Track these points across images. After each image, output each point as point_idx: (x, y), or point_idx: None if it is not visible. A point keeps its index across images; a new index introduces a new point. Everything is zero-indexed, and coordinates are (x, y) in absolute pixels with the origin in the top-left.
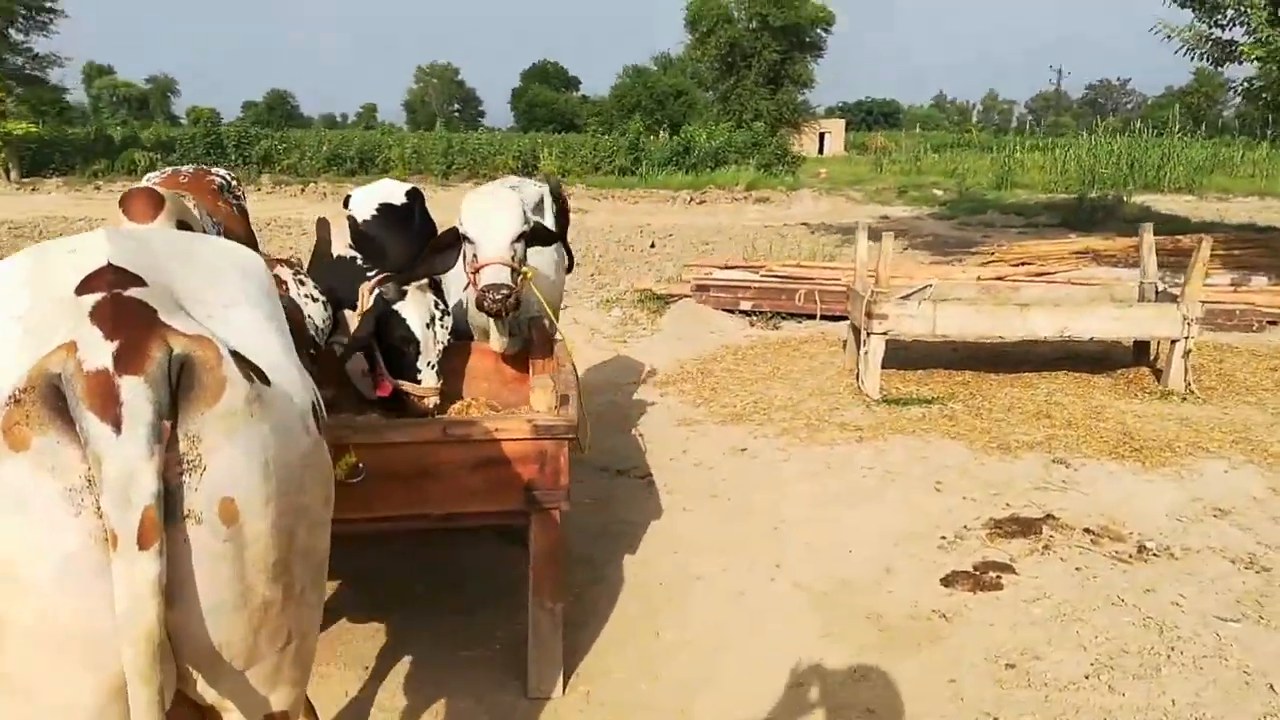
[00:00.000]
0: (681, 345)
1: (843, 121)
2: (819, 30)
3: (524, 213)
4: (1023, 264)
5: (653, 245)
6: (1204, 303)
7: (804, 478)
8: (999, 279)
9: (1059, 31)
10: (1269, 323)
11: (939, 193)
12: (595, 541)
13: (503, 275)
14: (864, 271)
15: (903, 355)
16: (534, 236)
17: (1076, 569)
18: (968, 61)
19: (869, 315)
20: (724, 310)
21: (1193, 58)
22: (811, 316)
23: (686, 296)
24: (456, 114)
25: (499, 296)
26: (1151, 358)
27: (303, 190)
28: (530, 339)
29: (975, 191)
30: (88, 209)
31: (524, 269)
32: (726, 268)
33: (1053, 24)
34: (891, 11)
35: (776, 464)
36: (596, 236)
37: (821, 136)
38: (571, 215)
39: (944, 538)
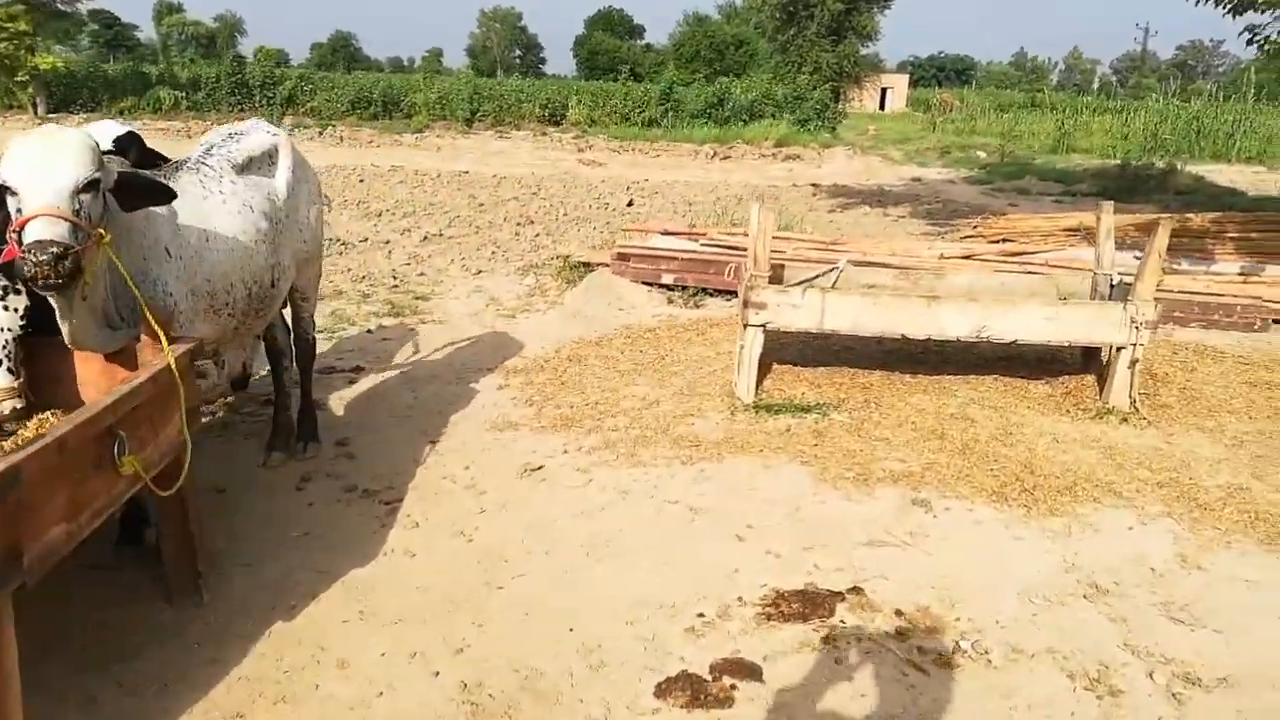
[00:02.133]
0: (575, 324)
1: (906, 77)
2: None
3: (94, 156)
4: (1003, 240)
5: (630, 204)
6: (1203, 295)
7: (584, 514)
8: (967, 257)
9: None
10: (1275, 321)
11: (983, 154)
12: (257, 593)
13: (53, 230)
14: (756, 251)
15: (818, 346)
16: (129, 190)
17: (848, 680)
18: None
19: (744, 304)
20: (644, 283)
21: (1202, 2)
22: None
23: (607, 265)
24: (518, 60)
25: (44, 258)
26: (1105, 362)
27: (320, 133)
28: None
29: (1024, 155)
30: None
31: (96, 229)
32: (666, 233)
33: None
34: None
35: (565, 491)
36: (580, 192)
37: (884, 92)
38: (585, 168)
39: (701, 615)
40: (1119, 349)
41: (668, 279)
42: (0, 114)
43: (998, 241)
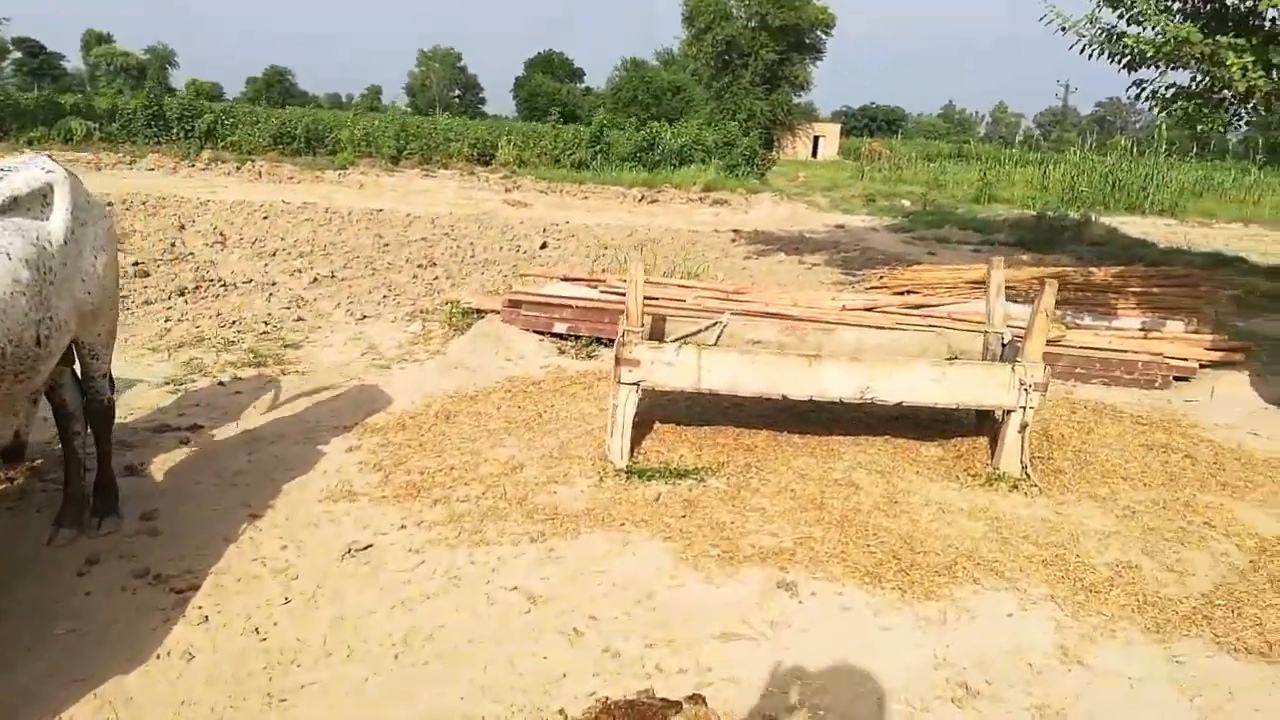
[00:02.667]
0: (454, 376)
1: (838, 126)
2: (819, 32)
3: None
4: (907, 292)
5: (544, 246)
6: (1105, 351)
7: (404, 605)
8: (869, 309)
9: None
10: (1176, 378)
11: (907, 203)
12: None
13: None
14: (629, 305)
15: (705, 403)
16: None
17: None
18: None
19: (617, 361)
20: (536, 332)
21: (1095, 56)
22: None
23: (497, 312)
24: (457, 99)
25: None
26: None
27: (238, 168)
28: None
29: (947, 204)
30: None
31: None
32: (565, 279)
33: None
34: (901, 18)
35: (389, 576)
36: (494, 233)
37: (816, 140)
38: (508, 208)
39: None
40: (1008, 412)
41: (560, 328)
42: None
43: (902, 293)
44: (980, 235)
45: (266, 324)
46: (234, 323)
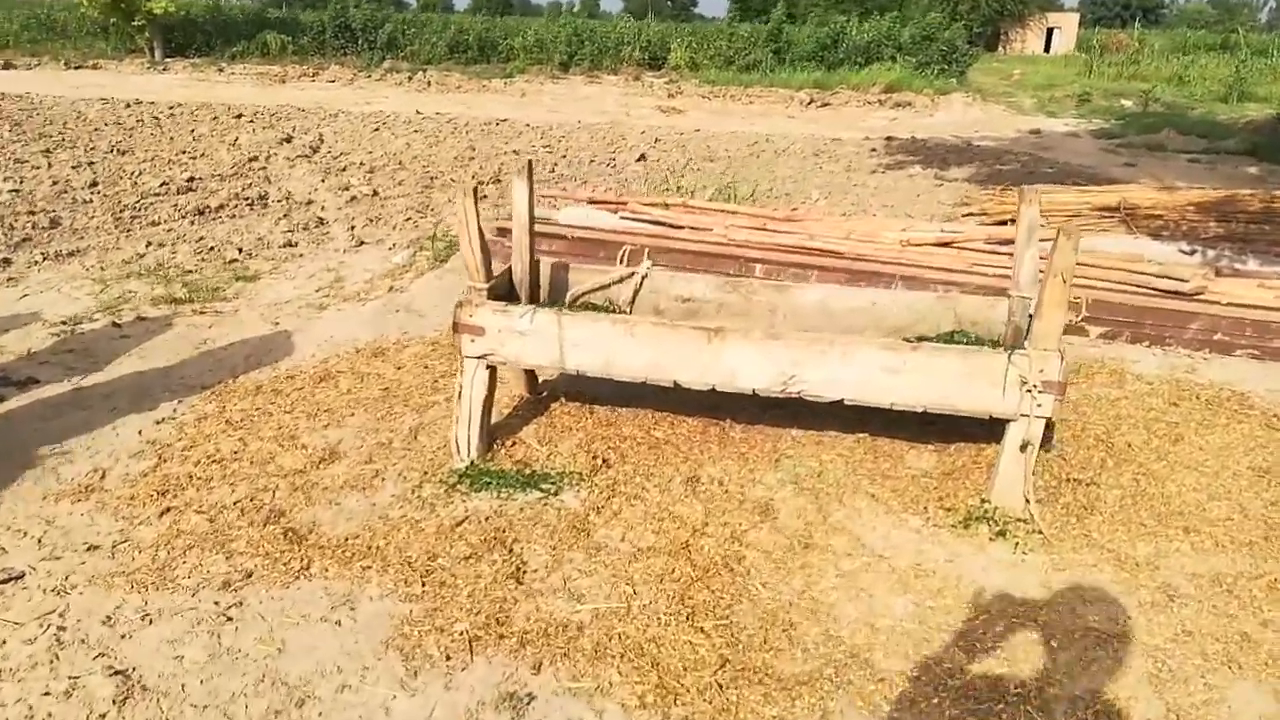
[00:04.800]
0: (389, 321)
1: (1076, 16)
2: None
3: None
4: (1011, 220)
5: (642, 159)
6: (1264, 309)
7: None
8: (945, 244)
9: None
10: None
11: (1128, 103)
12: None
13: None
14: (471, 250)
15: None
16: None
17: None
18: None
19: (454, 327)
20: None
21: None
22: None
23: (496, 240)
24: (670, 3)
25: None
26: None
27: (410, 79)
28: None
29: (1183, 103)
30: (191, 93)
31: None
32: (591, 202)
33: None
34: None
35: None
36: (599, 144)
37: (1049, 32)
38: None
39: None
40: (1007, 422)
41: (548, 262)
42: (120, 58)
43: (1002, 222)
44: (1204, 142)
45: (241, 250)
46: (211, 248)
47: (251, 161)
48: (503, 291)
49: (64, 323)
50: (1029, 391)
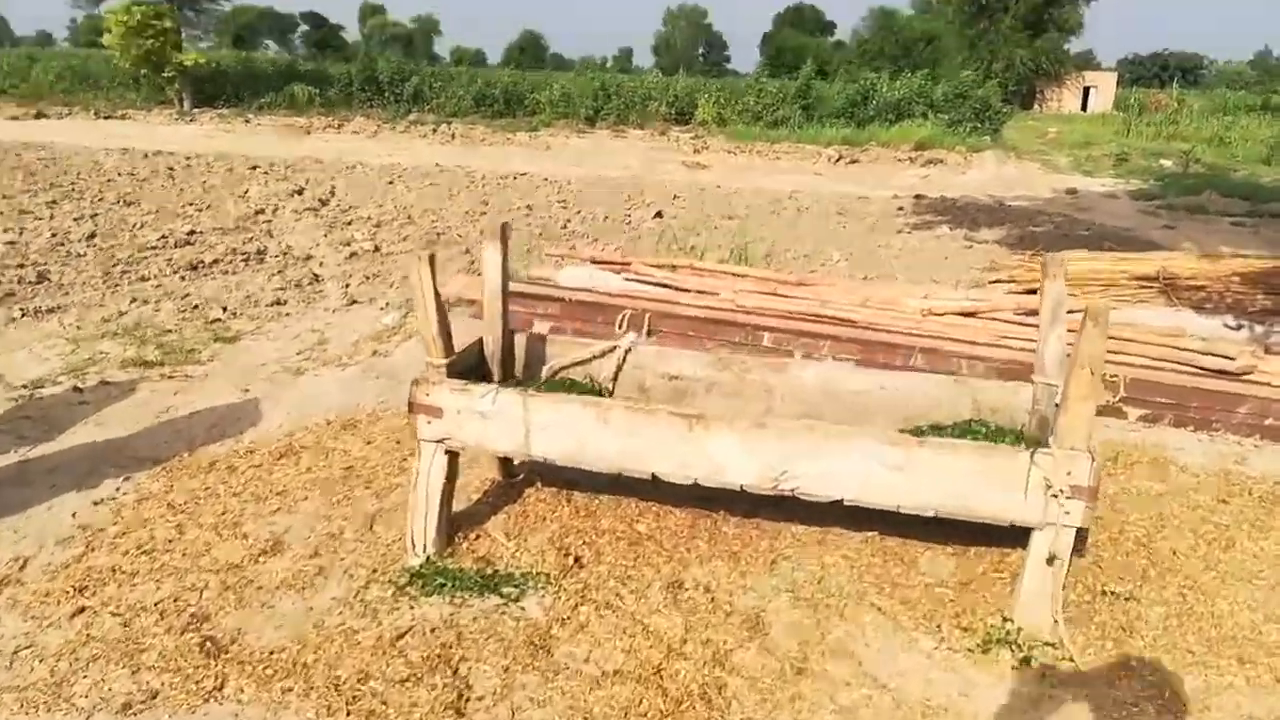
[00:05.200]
0: (367, 389)
1: (1114, 75)
2: None
3: None
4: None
5: (658, 215)
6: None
7: None
8: (969, 314)
9: None
10: None
11: (1168, 164)
12: None
13: None
14: (430, 323)
15: None
16: None
17: None
18: None
19: (411, 407)
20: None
21: None
22: None
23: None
24: (701, 58)
25: None
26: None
27: (434, 131)
28: None
29: (1224, 165)
30: (213, 143)
31: None
32: (595, 262)
33: None
34: None
35: None
36: (617, 200)
37: (1086, 91)
38: (682, 169)
39: None
40: (1030, 531)
41: (540, 327)
42: (149, 108)
43: (1032, 290)
44: (1247, 204)
45: (225, 309)
46: (196, 306)
47: (258, 214)
48: (472, 365)
49: (24, 386)
50: (1055, 498)
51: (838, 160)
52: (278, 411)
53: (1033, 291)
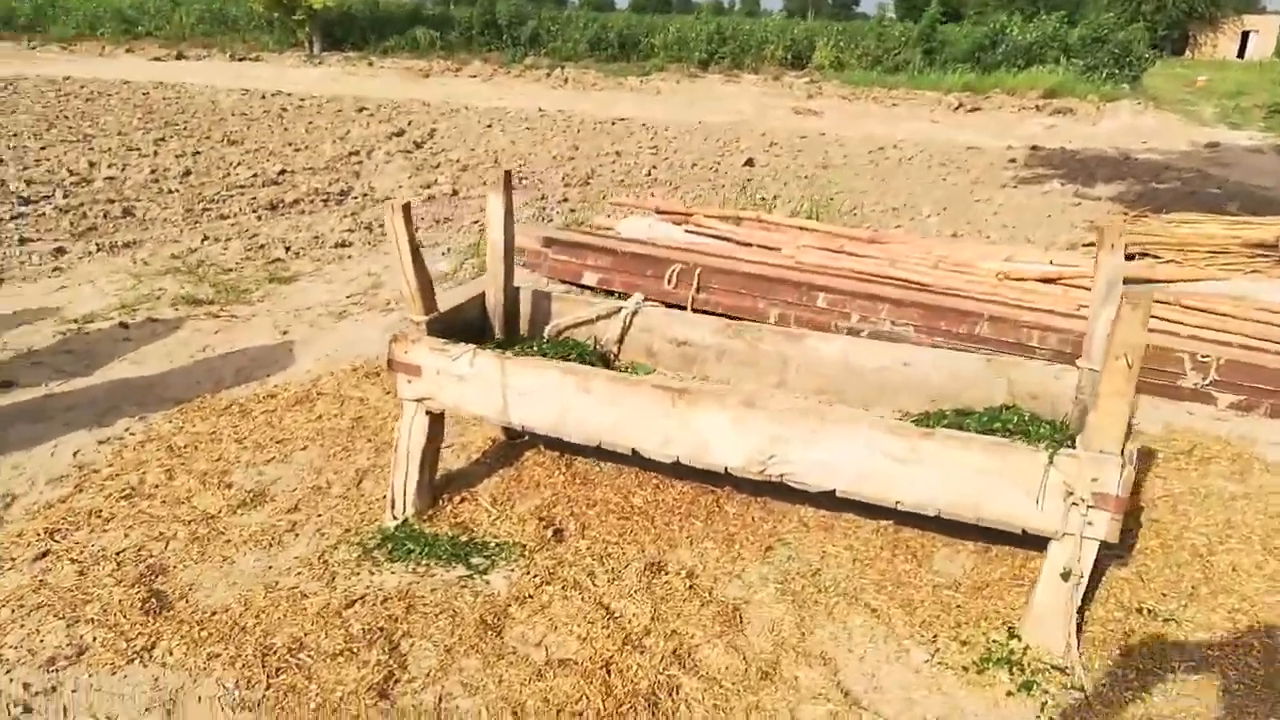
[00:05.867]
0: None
1: (1277, 19)
2: None
3: None
4: (1140, 254)
5: (749, 163)
6: None
7: None
8: (1051, 280)
9: None
10: None
11: None
12: None
13: None
14: (411, 274)
15: None
16: None
17: None
18: None
19: (390, 364)
20: (563, 281)
21: None
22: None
23: (541, 251)
24: (831, 1)
25: None
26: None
27: (547, 75)
28: None
29: None
30: (334, 86)
31: None
32: (660, 212)
33: None
34: None
35: None
36: (710, 146)
37: (1245, 36)
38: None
39: None
40: (1048, 541)
41: (590, 279)
42: (281, 50)
43: (1130, 256)
44: None
45: (289, 249)
46: (262, 246)
47: (351, 155)
48: (473, 321)
49: (75, 321)
50: (1075, 505)
51: (958, 108)
52: (308, 356)
53: (1130, 257)
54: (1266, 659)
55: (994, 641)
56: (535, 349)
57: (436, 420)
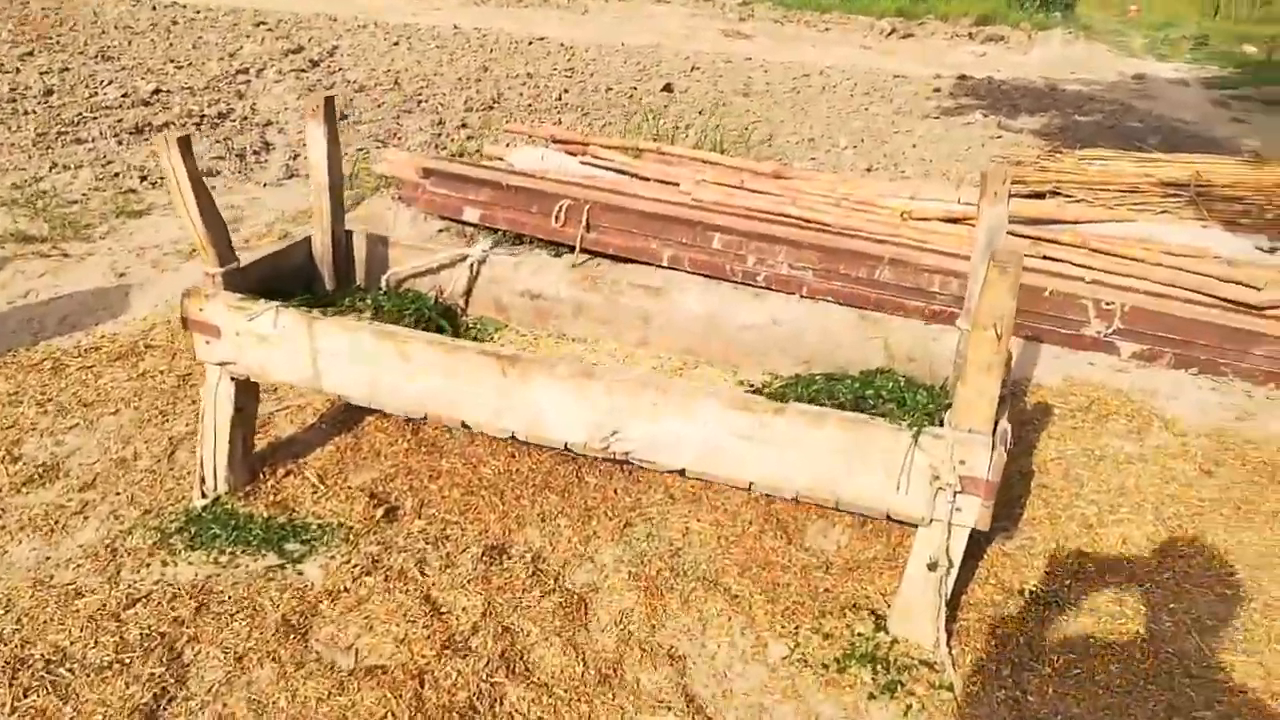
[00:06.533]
0: None
1: None
2: None
3: None
4: (1050, 193)
5: (667, 88)
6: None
7: None
8: (955, 220)
9: None
10: None
11: (1251, 49)
12: None
13: None
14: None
15: None
16: None
17: None
18: None
19: (185, 322)
20: (442, 218)
21: None
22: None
23: (419, 183)
24: None
25: None
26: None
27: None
28: None
29: None
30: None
31: None
32: (556, 141)
33: None
34: None
35: None
36: (627, 70)
37: None
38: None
39: None
40: (915, 525)
41: (471, 215)
42: None
43: (1041, 195)
44: None
45: (144, 179)
46: (116, 175)
47: (239, 74)
48: (298, 268)
49: None
50: (943, 490)
51: (890, 34)
52: (144, 302)
53: (1040, 195)
54: (1152, 648)
55: (859, 635)
56: (370, 302)
57: (246, 386)
